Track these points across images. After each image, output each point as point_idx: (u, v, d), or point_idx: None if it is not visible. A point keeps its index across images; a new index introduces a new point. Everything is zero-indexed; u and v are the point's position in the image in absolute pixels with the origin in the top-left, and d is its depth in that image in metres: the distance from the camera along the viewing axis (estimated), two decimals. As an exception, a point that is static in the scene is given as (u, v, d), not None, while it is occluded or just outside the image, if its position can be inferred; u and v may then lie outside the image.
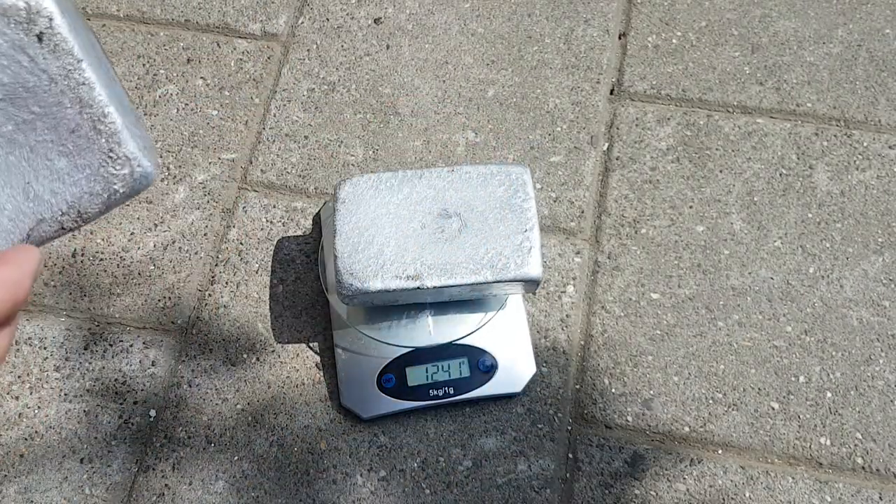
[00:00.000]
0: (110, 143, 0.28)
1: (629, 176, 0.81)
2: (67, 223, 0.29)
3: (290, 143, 0.83)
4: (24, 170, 0.27)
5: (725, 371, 0.71)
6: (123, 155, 0.28)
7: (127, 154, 0.28)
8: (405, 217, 0.64)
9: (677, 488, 0.67)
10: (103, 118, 0.27)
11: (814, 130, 0.83)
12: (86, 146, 0.28)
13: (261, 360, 0.73)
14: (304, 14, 0.92)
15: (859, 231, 0.77)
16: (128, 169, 0.28)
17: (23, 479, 0.68)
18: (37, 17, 0.25)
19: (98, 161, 0.28)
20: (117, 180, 0.28)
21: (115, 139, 0.28)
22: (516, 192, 0.65)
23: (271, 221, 0.79)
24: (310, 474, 0.68)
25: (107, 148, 0.28)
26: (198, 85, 0.87)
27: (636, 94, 0.85)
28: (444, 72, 0.87)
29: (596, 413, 0.70)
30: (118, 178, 0.28)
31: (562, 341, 0.73)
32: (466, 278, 0.62)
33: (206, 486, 0.68)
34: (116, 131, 0.28)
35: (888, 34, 0.88)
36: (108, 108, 0.28)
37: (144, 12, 0.92)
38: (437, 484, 0.67)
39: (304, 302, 0.75)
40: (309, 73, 0.88)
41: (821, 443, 0.68)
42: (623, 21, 0.90)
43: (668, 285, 0.75)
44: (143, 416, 0.71)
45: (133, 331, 0.74)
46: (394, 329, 0.70)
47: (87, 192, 0.28)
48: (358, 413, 0.69)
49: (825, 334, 0.73)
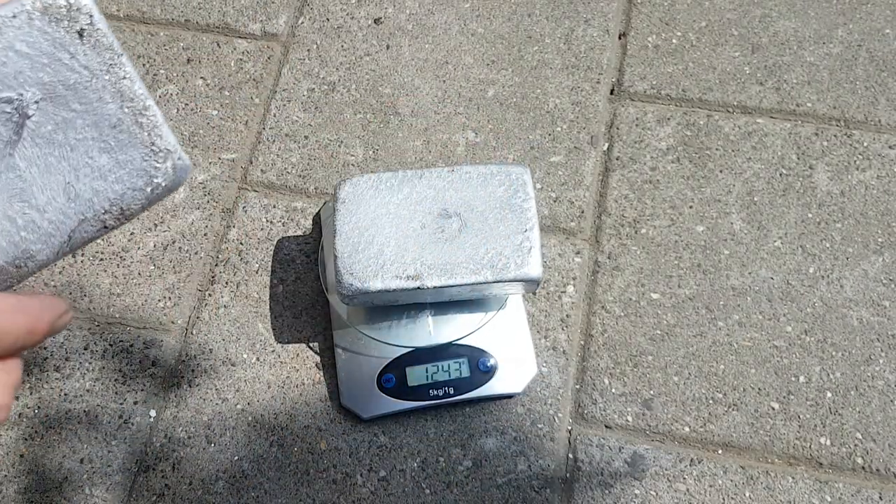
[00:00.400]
0: (152, 137, 0.27)
1: (629, 176, 0.81)
2: (110, 221, 0.28)
3: (290, 143, 0.83)
4: (65, 170, 0.27)
5: (725, 371, 0.71)
6: (165, 148, 0.28)
7: (168, 147, 0.28)
8: (405, 217, 0.64)
9: (677, 488, 0.67)
10: (145, 111, 0.27)
11: (814, 130, 0.83)
12: (127, 141, 0.27)
13: (261, 360, 0.73)
14: (304, 14, 0.92)
15: (859, 231, 0.77)
16: (170, 162, 0.28)
17: (23, 479, 0.68)
18: (77, 13, 0.25)
19: (140, 156, 0.27)
20: (159, 174, 0.28)
21: (158, 132, 0.27)
22: (516, 192, 0.65)
23: (271, 221, 0.79)
24: (310, 474, 0.68)
25: (149, 142, 0.27)
26: (198, 85, 0.87)
27: (636, 94, 0.85)
28: (444, 72, 0.87)
29: (596, 413, 0.70)
30: (160, 172, 0.28)
31: (562, 341, 0.73)
32: (466, 278, 0.62)
33: (206, 486, 0.68)
34: (158, 124, 0.28)
35: (888, 34, 0.88)
36: (149, 100, 0.27)
37: (144, 12, 0.92)
38: (437, 484, 0.67)
39: (304, 302, 0.75)
40: (309, 73, 0.88)
41: (821, 443, 0.68)
42: (623, 21, 0.90)
43: (668, 285, 0.75)
44: (143, 416, 0.71)
45: (133, 331, 0.74)
46: (394, 329, 0.70)
47: (129, 188, 0.28)
48: (358, 413, 0.69)
49: (825, 334, 0.73)
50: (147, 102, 0.27)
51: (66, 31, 0.25)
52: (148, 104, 0.27)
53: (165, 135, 0.28)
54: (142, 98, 0.27)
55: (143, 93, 0.27)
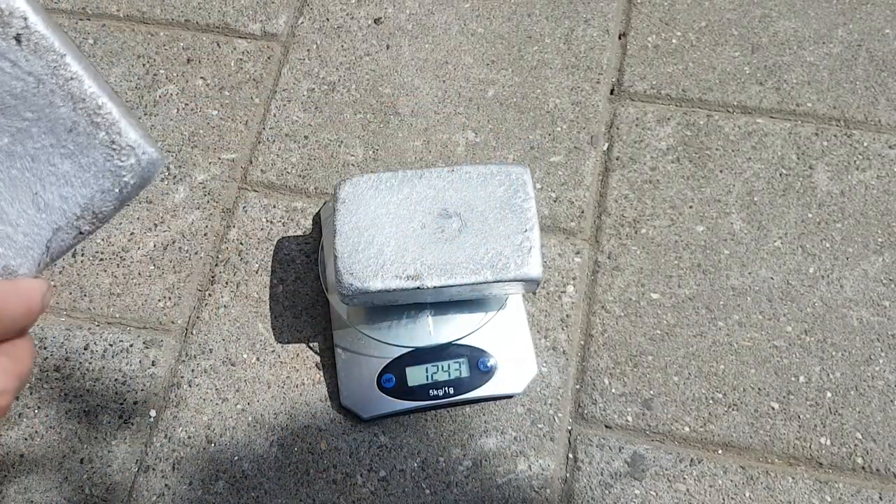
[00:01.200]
0: (111, 135, 0.27)
1: (629, 176, 0.81)
2: (84, 227, 0.28)
3: (290, 143, 0.83)
4: (29, 180, 0.26)
5: (725, 371, 0.71)
6: (126, 144, 0.27)
7: (129, 143, 0.27)
8: (405, 217, 0.64)
9: (677, 488, 0.67)
10: (98, 110, 0.26)
11: (814, 130, 0.83)
12: (87, 143, 0.27)
13: (261, 360, 0.73)
14: (304, 14, 0.92)
15: (859, 231, 0.77)
16: (134, 158, 0.27)
17: (23, 479, 0.68)
18: (10, 18, 0.24)
19: (102, 156, 0.27)
20: (125, 171, 0.27)
21: (115, 129, 0.27)
22: (516, 192, 0.65)
23: (271, 221, 0.79)
24: (310, 474, 0.68)
25: (108, 140, 0.27)
26: (198, 85, 0.87)
27: (636, 94, 0.85)
28: (444, 72, 0.87)
29: (596, 413, 0.70)
30: (126, 169, 0.27)
31: (562, 341, 0.73)
32: (466, 278, 0.62)
33: (206, 486, 0.68)
34: (115, 121, 0.27)
35: (888, 34, 0.88)
36: (102, 98, 0.26)
37: (144, 12, 0.92)
38: (437, 484, 0.67)
39: (304, 302, 0.75)
40: (309, 73, 0.88)
41: (821, 443, 0.68)
42: (623, 21, 0.90)
43: (668, 285, 0.75)
44: (143, 416, 0.71)
45: (133, 331, 0.74)
46: (394, 329, 0.70)
47: (97, 190, 0.27)
48: (358, 413, 0.69)
49: (825, 334, 0.73)
50: (100, 101, 0.26)
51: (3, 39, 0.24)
52: (101, 102, 0.26)
53: (125, 130, 0.27)
54: (94, 97, 0.26)
55: (93, 91, 0.26)
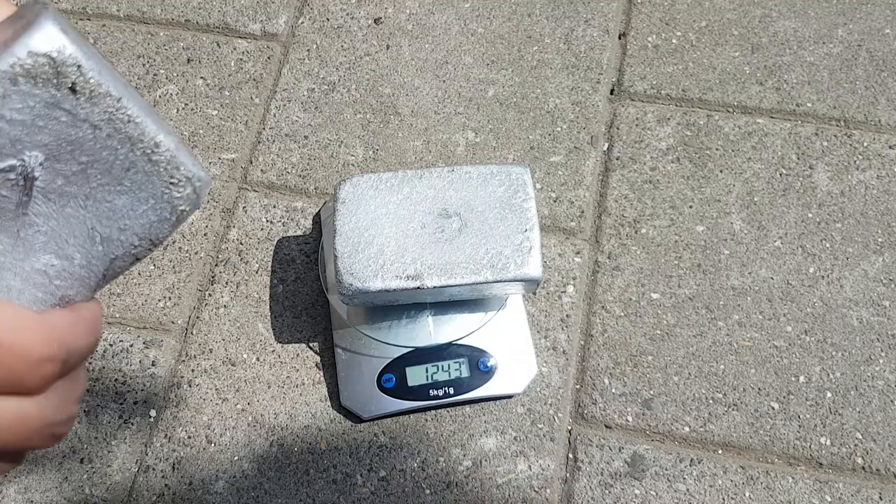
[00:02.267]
0: (169, 170, 0.27)
1: (629, 176, 0.81)
2: (141, 253, 0.28)
3: (290, 143, 0.83)
4: (85, 217, 0.26)
5: (725, 371, 0.71)
6: (184, 177, 0.27)
7: (187, 175, 0.27)
8: (405, 217, 0.64)
9: (677, 488, 0.67)
10: (156, 149, 0.26)
11: (814, 130, 0.83)
12: (144, 180, 0.26)
13: (261, 360, 0.73)
14: (304, 14, 0.92)
15: (859, 231, 0.77)
16: (190, 188, 0.27)
17: (23, 479, 0.68)
18: (64, 68, 0.23)
19: (160, 190, 0.27)
20: (182, 201, 0.27)
21: (173, 164, 0.27)
22: (516, 192, 0.65)
23: (271, 221, 0.79)
24: (310, 474, 0.68)
25: (167, 175, 0.27)
26: (198, 85, 0.87)
27: (636, 94, 0.85)
28: (444, 72, 0.87)
29: (596, 413, 0.70)
30: (182, 200, 0.27)
31: (562, 341, 0.73)
32: (466, 278, 0.62)
33: (206, 486, 0.68)
34: (172, 157, 0.27)
35: (888, 34, 0.88)
36: (159, 136, 0.26)
37: (144, 12, 0.92)
38: (437, 484, 0.67)
39: (304, 302, 0.75)
40: (309, 73, 0.88)
41: (821, 443, 0.68)
42: (623, 21, 0.90)
43: (668, 285, 0.75)
44: (143, 416, 0.71)
45: (133, 331, 0.74)
46: (394, 329, 0.70)
47: (154, 220, 0.27)
48: (358, 413, 0.69)
49: (825, 334, 0.73)
50: (158, 139, 0.26)
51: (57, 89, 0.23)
52: (158, 140, 0.26)
53: (182, 163, 0.27)
54: (151, 136, 0.26)
55: (150, 130, 0.26)
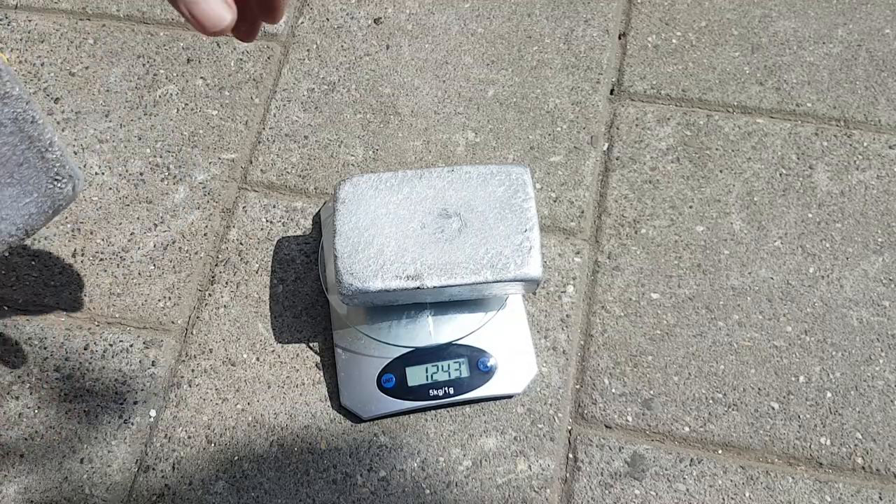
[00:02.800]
0: (56, 167, 0.29)
1: (629, 176, 0.81)
2: (14, 242, 0.30)
3: (290, 143, 0.83)
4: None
5: (725, 371, 0.71)
6: (68, 175, 0.30)
7: (70, 173, 0.30)
8: (405, 217, 0.64)
9: (677, 488, 0.67)
10: (50, 147, 0.29)
11: (814, 130, 0.83)
12: (33, 175, 0.28)
13: (261, 360, 0.73)
14: (304, 14, 0.92)
15: (859, 231, 0.77)
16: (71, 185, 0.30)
17: (23, 479, 0.68)
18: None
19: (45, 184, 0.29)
20: (62, 196, 0.30)
21: (61, 162, 0.29)
22: (516, 192, 0.65)
23: (271, 221, 0.79)
24: (310, 474, 0.68)
25: (53, 172, 0.29)
26: (198, 85, 0.87)
27: (636, 94, 0.85)
28: (444, 72, 0.87)
29: (596, 413, 0.70)
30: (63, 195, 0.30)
31: (562, 341, 0.73)
32: (466, 278, 0.62)
33: (206, 486, 0.68)
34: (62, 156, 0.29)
35: (888, 34, 0.88)
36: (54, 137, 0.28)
37: (144, 12, 0.92)
38: (437, 484, 0.67)
39: (304, 302, 0.75)
40: (309, 73, 0.88)
41: (821, 443, 0.68)
42: (623, 21, 0.90)
43: (668, 285, 0.75)
44: (143, 416, 0.71)
45: (133, 331, 0.74)
46: (394, 329, 0.70)
47: (34, 212, 0.29)
48: (358, 413, 0.69)
49: (825, 334, 0.73)
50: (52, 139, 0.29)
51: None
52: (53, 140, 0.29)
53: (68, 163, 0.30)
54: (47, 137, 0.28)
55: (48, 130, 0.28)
